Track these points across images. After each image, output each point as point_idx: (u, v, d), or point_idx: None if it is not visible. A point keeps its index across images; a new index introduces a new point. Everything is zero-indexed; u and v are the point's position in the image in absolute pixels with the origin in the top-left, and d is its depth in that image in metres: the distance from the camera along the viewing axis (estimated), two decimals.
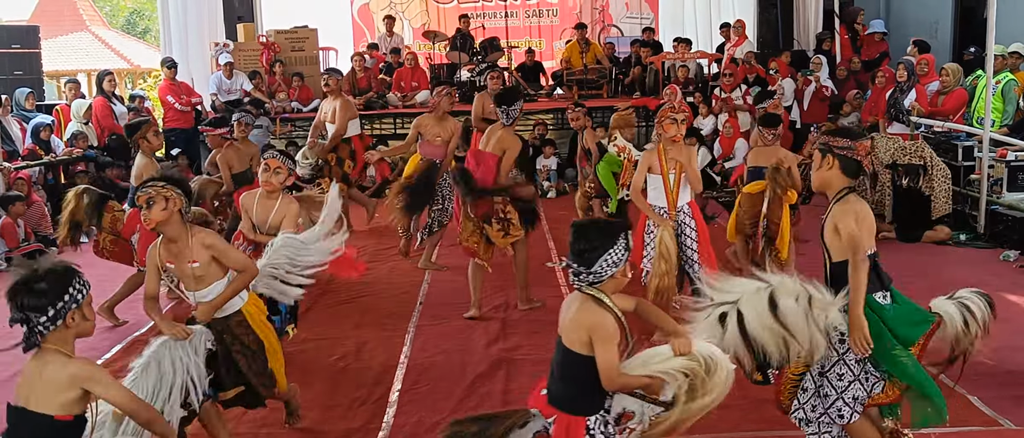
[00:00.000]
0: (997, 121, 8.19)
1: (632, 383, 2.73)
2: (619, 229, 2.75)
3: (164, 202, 3.35)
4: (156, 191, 3.35)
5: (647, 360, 2.77)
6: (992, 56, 7.72)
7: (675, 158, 4.94)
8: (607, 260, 2.69)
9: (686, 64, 11.97)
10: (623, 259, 2.72)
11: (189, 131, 11.35)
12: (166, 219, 3.37)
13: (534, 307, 5.94)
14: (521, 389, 4.50)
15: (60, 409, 2.57)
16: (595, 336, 2.66)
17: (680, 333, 2.78)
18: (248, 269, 3.56)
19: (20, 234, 7.92)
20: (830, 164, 3.24)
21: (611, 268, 2.70)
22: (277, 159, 4.65)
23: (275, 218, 4.63)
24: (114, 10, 28.57)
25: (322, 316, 5.93)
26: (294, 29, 12.73)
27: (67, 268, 2.62)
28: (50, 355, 2.58)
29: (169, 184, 3.40)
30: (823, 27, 12.54)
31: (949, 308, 3.29)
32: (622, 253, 2.71)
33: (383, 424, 4.15)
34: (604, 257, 2.68)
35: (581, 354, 2.69)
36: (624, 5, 15.02)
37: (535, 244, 7.88)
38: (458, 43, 12.62)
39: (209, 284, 3.48)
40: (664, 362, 2.74)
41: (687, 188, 5.01)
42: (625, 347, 2.78)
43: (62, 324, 2.56)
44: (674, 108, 5.04)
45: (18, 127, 9.59)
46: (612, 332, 2.66)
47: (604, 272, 2.69)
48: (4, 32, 11.81)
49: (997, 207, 7.46)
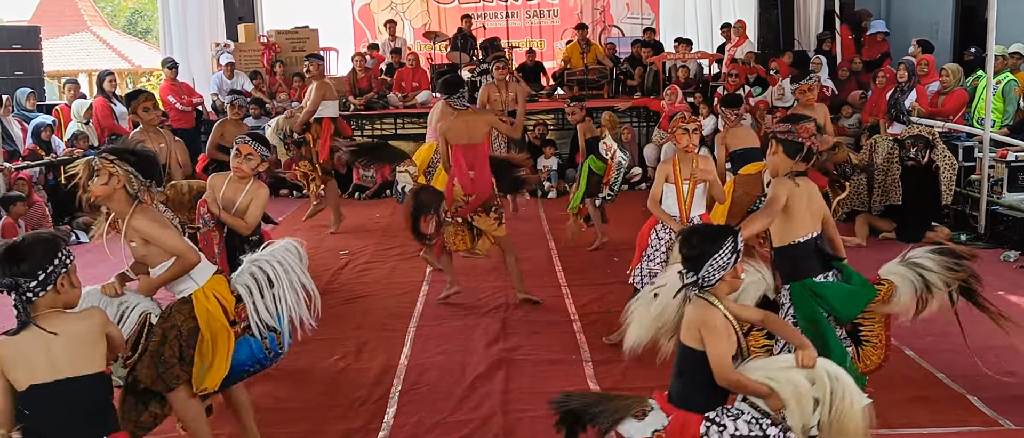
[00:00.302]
0: (997, 121, 8.19)
1: (747, 384, 2.73)
2: (725, 233, 2.79)
3: (106, 177, 3.24)
4: (102, 164, 3.25)
5: (766, 366, 2.79)
6: (992, 56, 7.72)
7: (693, 171, 4.87)
8: (713, 264, 2.74)
9: (686, 64, 11.97)
10: (731, 262, 2.76)
11: (190, 131, 11.34)
12: (107, 194, 3.27)
13: (532, 300, 5.97)
14: (521, 389, 4.51)
15: (102, 362, 2.59)
16: (705, 330, 2.72)
17: (806, 346, 2.78)
18: (182, 255, 3.35)
19: (21, 234, 7.92)
20: (775, 149, 3.51)
21: (718, 272, 2.75)
22: (249, 144, 4.45)
23: (243, 200, 4.46)
24: (115, 10, 28.61)
25: (322, 316, 5.89)
26: (295, 29, 12.74)
27: (53, 235, 2.61)
28: (52, 320, 2.52)
29: (118, 159, 3.27)
30: (824, 27, 12.54)
31: (898, 270, 3.48)
32: (729, 257, 2.75)
33: (383, 424, 4.15)
34: (710, 261, 2.74)
35: (695, 349, 2.75)
36: (625, 5, 15.01)
37: (536, 243, 7.90)
38: (459, 43, 12.62)
39: (155, 264, 3.38)
40: (784, 371, 2.74)
41: (701, 200, 4.97)
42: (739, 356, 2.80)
43: (53, 289, 2.53)
44: (685, 118, 4.97)
45: (19, 127, 9.59)
46: (722, 327, 2.72)
47: (712, 276, 2.75)
48: (5, 32, 11.83)
49: (997, 207, 7.46)
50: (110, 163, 3.25)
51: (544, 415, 4.17)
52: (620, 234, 7.39)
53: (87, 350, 2.56)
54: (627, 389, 4.45)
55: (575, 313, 5.76)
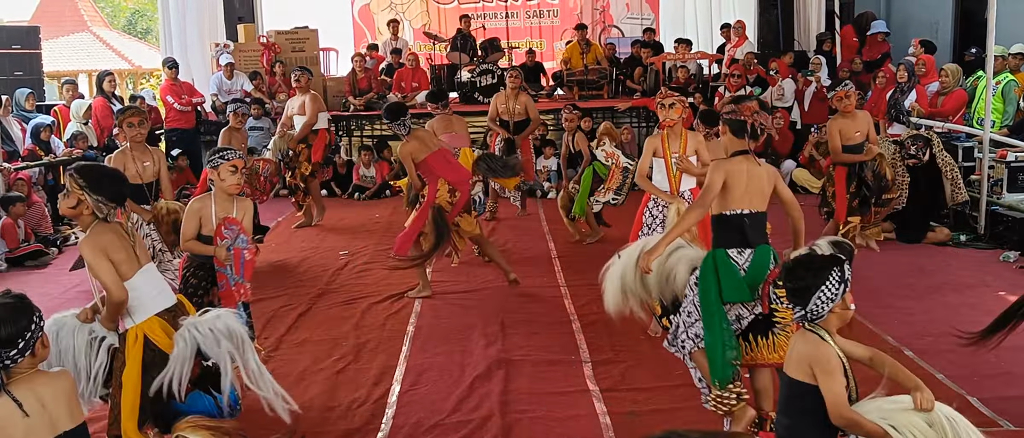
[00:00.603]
0: (997, 122, 8.18)
1: (864, 425, 2.63)
2: (831, 264, 2.70)
3: (74, 200, 3.30)
4: (71, 185, 3.28)
5: (881, 407, 2.67)
6: (992, 57, 7.71)
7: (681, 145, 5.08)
8: (820, 297, 2.66)
9: (686, 65, 11.96)
10: (839, 293, 2.66)
11: (190, 131, 11.36)
12: (74, 216, 3.36)
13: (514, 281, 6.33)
14: (520, 390, 4.51)
15: (80, 415, 2.56)
16: (818, 370, 2.64)
17: (923, 388, 2.65)
18: (111, 292, 3.32)
19: (20, 235, 7.92)
20: (723, 130, 3.64)
21: (827, 304, 2.67)
22: (243, 159, 4.44)
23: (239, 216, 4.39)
24: (115, 11, 28.59)
25: (321, 317, 5.92)
26: (294, 30, 12.73)
27: (21, 299, 2.52)
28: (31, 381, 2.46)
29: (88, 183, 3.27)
30: (824, 28, 12.53)
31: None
32: (836, 288, 2.66)
33: (382, 425, 4.15)
34: (817, 295, 2.66)
35: (806, 383, 2.67)
36: (625, 6, 14.99)
37: (536, 244, 7.90)
38: (459, 44, 12.61)
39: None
40: (901, 414, 2.63)
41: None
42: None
43: (31, 354, 2.47)
44: (663, 93, 5.21)
45: (19, 128, 9.59)
46: (835, 366, 2.63)
47: (820, 310, 2.67)
48: (4, 33, 11.82)
49: (997, 208, 7.46)
50: (78, 186, 3.26)
51: (543, 416, 4.18)
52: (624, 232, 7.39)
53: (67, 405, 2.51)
54: (624, 389, 4.47)
55: (574, 314, 5.76)
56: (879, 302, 5.74)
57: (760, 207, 3.52)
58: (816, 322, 2.70)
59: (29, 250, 7.89)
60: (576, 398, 4.39)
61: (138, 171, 5.54)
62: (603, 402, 4.30)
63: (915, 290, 6.10)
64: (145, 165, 5.61)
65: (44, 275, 7.58)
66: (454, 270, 7.01)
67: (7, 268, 7.68)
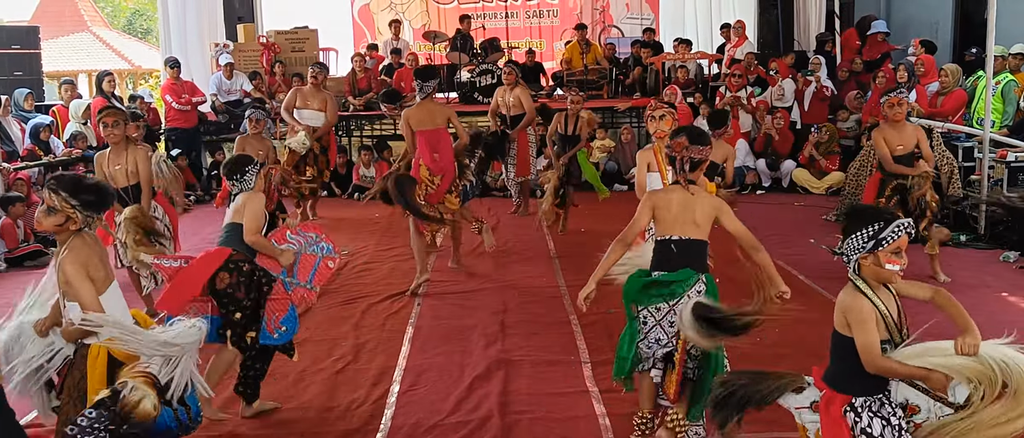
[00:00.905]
0: (997, 122, 8.18)
1: (897, 370, 2.72)
2: (874, 218, 2.78)
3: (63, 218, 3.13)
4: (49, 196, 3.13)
5: (924, 352, 2.74)
6: (992, 57, 7.71)
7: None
8: (849, 243, 2.78)
9: (686, 65, 11.96)
10: (864, 247, 2.75)
11: (190, 131, 11.36)
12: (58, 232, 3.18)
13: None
14: (520, 391, 4.50)
15: None
16: (850, 318, 2.75)
17: (970, 331, 2.68)
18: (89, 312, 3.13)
19: (20, 235, 7.92)
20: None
21: (852, 252, 2.78)
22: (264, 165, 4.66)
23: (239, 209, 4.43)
24: (115, 11, 28.59)
25: (321, 317, 5.92)
26: (294, 30, 12.74)
27: None
28: None
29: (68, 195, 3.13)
30: (825, 28, 12.52)
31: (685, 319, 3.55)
32: (863, 241, 2.75)
33: (381, 425, 4.14)
34: (847, 240, 2.79)
35: (843, 335, 2.79)
36: (625, 6, 14.98)
37: (535, 244, 7.89)
38: (458, 44, 12.61)
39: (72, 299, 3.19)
40: (942, 358, 2.69)
41: None
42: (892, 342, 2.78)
43: None
44: (653, 106, 5.17)
45: (18, 128, 9.58)
46: (866, 315, 2.72)
47: (847, 254, 2.80)
48: (4, 33, 11.81)
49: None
50: (57, 197, 3.13)
51: (543, 417, 4.18)
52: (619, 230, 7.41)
53: None
54: (625, 389, 4.45)
55: (574, 314, 5.75)
56: None
57: (693, 235, 3.58)
58: (855, 273, 2.80)
59: (28, 250, 7.88)
60: (576, 399, 4.38)
61: (110, 174, 5.49)
62: (603, 403, 4.29)
63: None
64: (116, 168, 5.52)
65: (44, 275, 7.55)
66: (454, 270, 7.01)
67: (6, 268, 7.68)
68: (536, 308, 5.95)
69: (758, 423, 3.91)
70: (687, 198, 3.61)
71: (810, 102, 10.80)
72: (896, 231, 2.75)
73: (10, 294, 4.66)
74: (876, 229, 2.74)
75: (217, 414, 4.17)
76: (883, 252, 2.74)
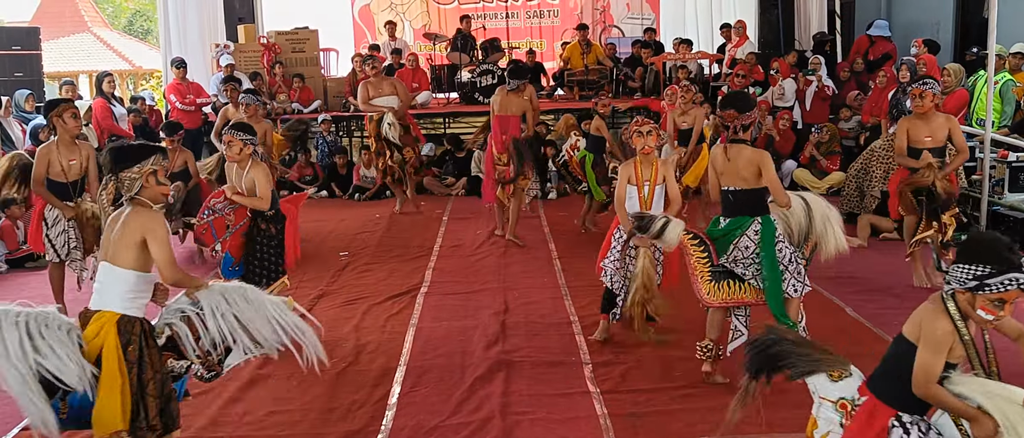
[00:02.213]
0: (996, 121, 8.17)
1: (945, 401, 2.59)
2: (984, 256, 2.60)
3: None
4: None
5: (987, 390, 2.59)
6: (993, 57, 7.70)
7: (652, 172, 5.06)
8: (955, 273, 2.64)
9: (687, 65, 11.95)
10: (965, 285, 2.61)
11: (193, 132, 11.34)
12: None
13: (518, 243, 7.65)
14: (521, 391, 4.50)
15: None
16: (924, 331, 2.66)
17: None
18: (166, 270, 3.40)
19: (20, 236, 7.91)
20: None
21: (954, 282, 2.65)
22: (230, 134, 5.02)
23: (247, 181, 5.01)
24: (116, 11, 28.60)
25: (321, 318, 5.87)
26: (295, 30, 12.72)
27: None
28: None
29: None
30: (825, 28, 12.52)
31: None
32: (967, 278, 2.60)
33: (382, 427, 4.14)
34: (956, 267, 2.65)
35: (910, 344, 2.69)
36: (625, 6, 14.99)
37: (536, 246, 7.89)
38: (459, 44, 12.61)
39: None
40: (1004, 401, 2.54)
41: (661, 200, 5.06)
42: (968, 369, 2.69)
43: None
44: (639, 121, 5.18)
45: (19, 128, 9.58)
46: (940, 337, 2.62)
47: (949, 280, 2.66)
48: (4, 34, 11.82)
49: (998, 208, 7.44)
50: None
51: (543, 417, 4.18)
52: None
53: None
54: (625, 391, 4.46)
55: (575, 315, 5.75)
56: (880, 302, 5.73)
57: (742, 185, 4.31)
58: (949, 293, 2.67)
59: (29, 252, 7.87)
60: (576, 400, 4.38)
61: (63, 168, 5.66)
62: (603, 404, 4.29)
63: (916, 290, 6.09)
64: (71, 163, 5.69)
65: (44, 277, 7.53)
66: (454, 271, 7.02)
67: (7, 270, 7.68)
68: (537, 309, 5.94)
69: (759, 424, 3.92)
70: (732, 155, 4.29)
71: (811, 102, 10.80)
72: (1005, 284, 2.57)
73: (11, 295, 4.67)
74: (984, 273, 2.58)
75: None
76: (982, 297, 2.60)
